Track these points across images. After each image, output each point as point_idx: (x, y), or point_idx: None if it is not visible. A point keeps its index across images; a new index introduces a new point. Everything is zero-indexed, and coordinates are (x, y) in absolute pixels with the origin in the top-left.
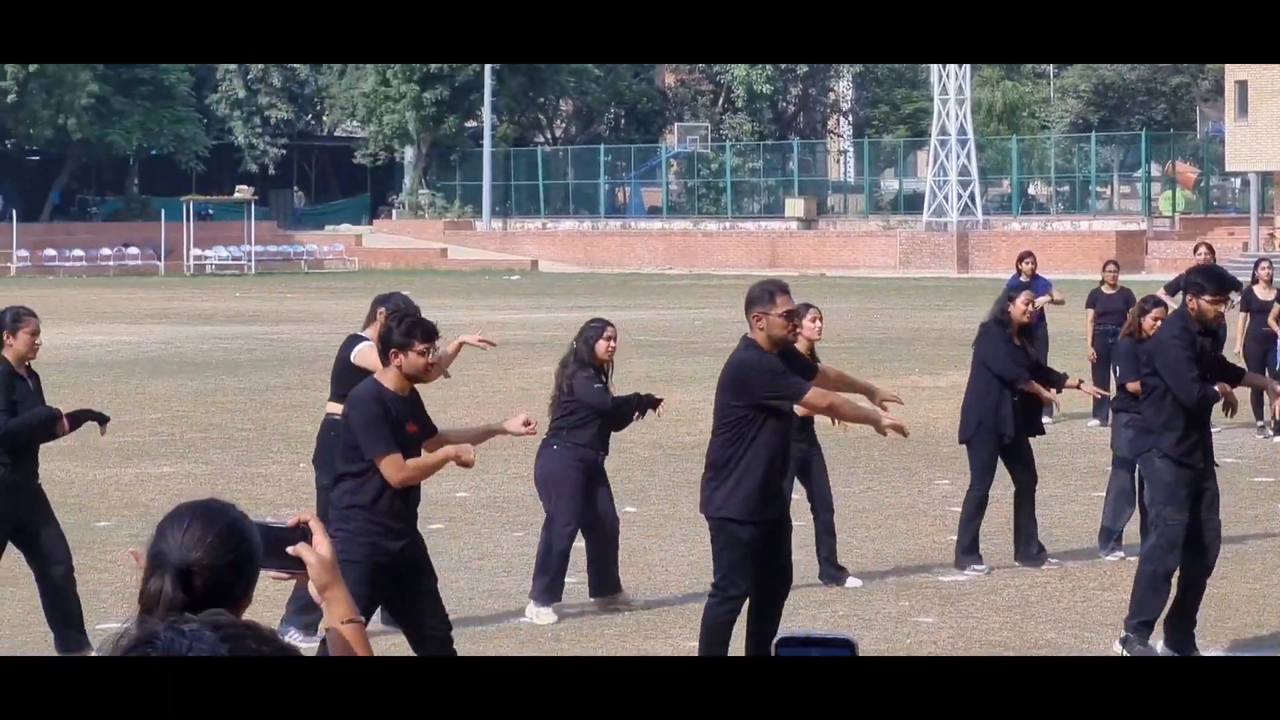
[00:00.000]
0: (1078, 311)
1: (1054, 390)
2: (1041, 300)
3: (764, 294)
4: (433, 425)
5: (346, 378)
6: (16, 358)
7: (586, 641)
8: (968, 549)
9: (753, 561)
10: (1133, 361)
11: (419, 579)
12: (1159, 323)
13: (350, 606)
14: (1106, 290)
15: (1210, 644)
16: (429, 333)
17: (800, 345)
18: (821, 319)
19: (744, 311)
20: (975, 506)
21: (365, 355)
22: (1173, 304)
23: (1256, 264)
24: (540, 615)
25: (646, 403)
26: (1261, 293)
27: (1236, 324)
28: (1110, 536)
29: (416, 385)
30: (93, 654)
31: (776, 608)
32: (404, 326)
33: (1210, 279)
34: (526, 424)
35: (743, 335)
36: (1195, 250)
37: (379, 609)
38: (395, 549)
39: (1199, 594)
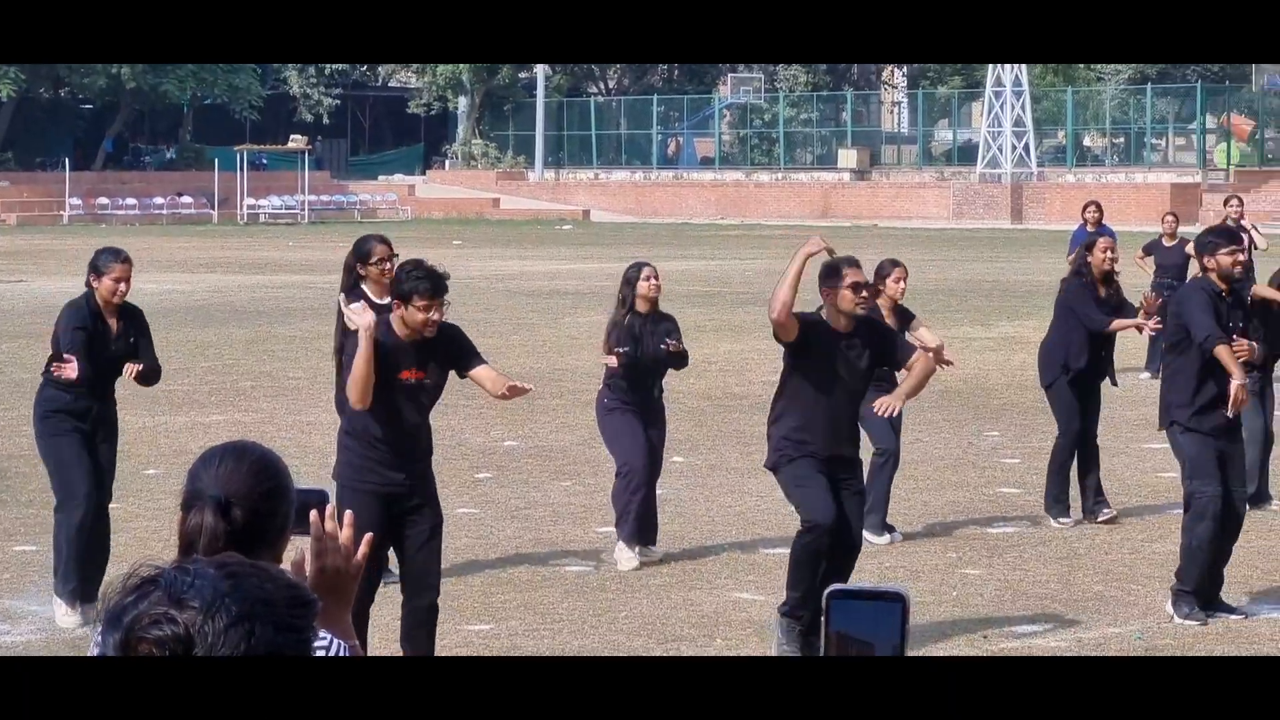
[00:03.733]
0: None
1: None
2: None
3: (833, 268)
4: (465, 365)
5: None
6: (102, 300)
7: (631, 592)
8: (1057, 497)
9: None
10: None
11: (418, 514)
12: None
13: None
14: (1166, 242)
15: (1259, 599)
16: (432, 290)
17: (883, 302)
18: (907, 278)
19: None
20: (1066, 454)
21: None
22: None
23: None
24: (623, 554)
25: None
26: None
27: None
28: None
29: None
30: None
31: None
32: (410, 279)
33: (1220, 235)
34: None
35: (818, 307)
36: (1226, 203)
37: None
38: (395, 480)
39: (1224, 558)
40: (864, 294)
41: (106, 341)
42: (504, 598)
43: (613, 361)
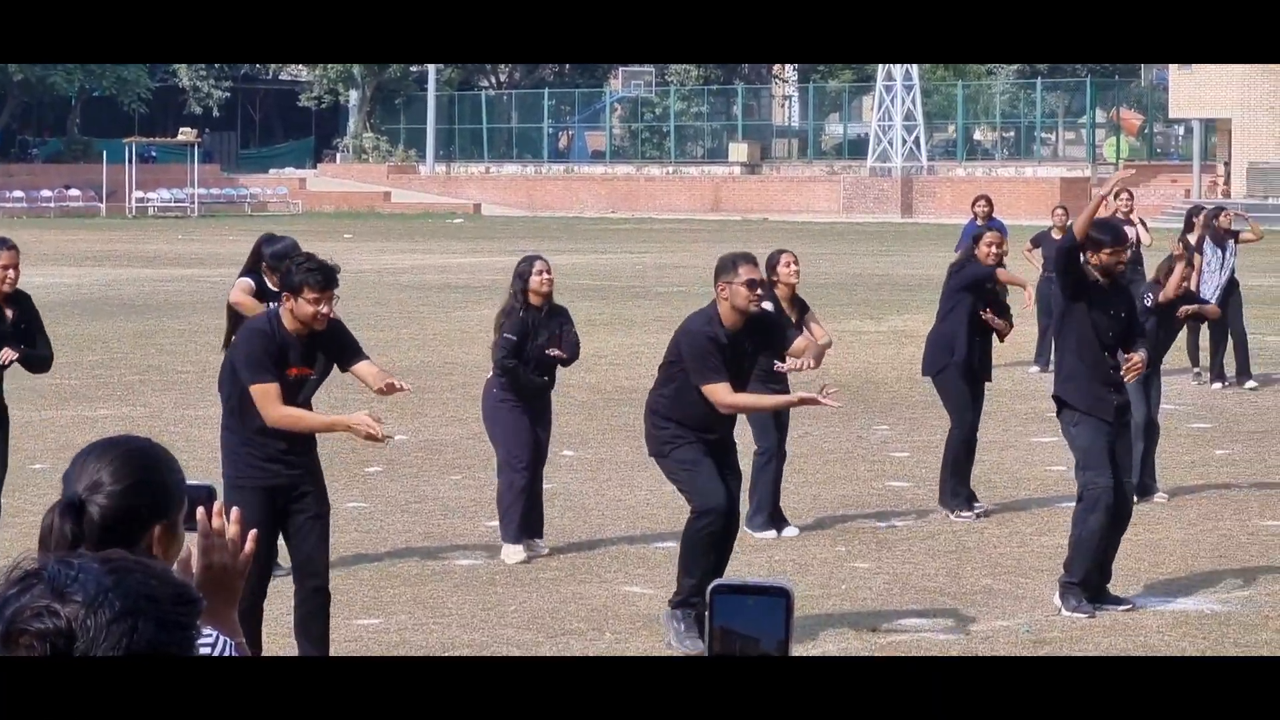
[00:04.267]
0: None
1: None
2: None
3: (729, 264)
4: (349, 359)
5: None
6: None
7: (520, 586)
8: (955, 491)
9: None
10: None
11: (305, 504)
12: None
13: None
14: (1055, 235)
15: (1146, 591)
16: (324, 282)
17: (780, 291)
18: (797, 263)
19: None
20: (961, 447)
21: (235, 292)
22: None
23: (1192, 211)
24: (509, 554)
25: (547, 375)
26: (1195, 240)
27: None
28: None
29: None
30: None
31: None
32: (300, 271)
33: (1106, 231)
34: (374, 423)
35: (711, 301)
36: (1116, 196)
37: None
38: (280, 474)
39: (1112, 550)
40: (759, 291)
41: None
42: (393, 592)
43: (554, 352)
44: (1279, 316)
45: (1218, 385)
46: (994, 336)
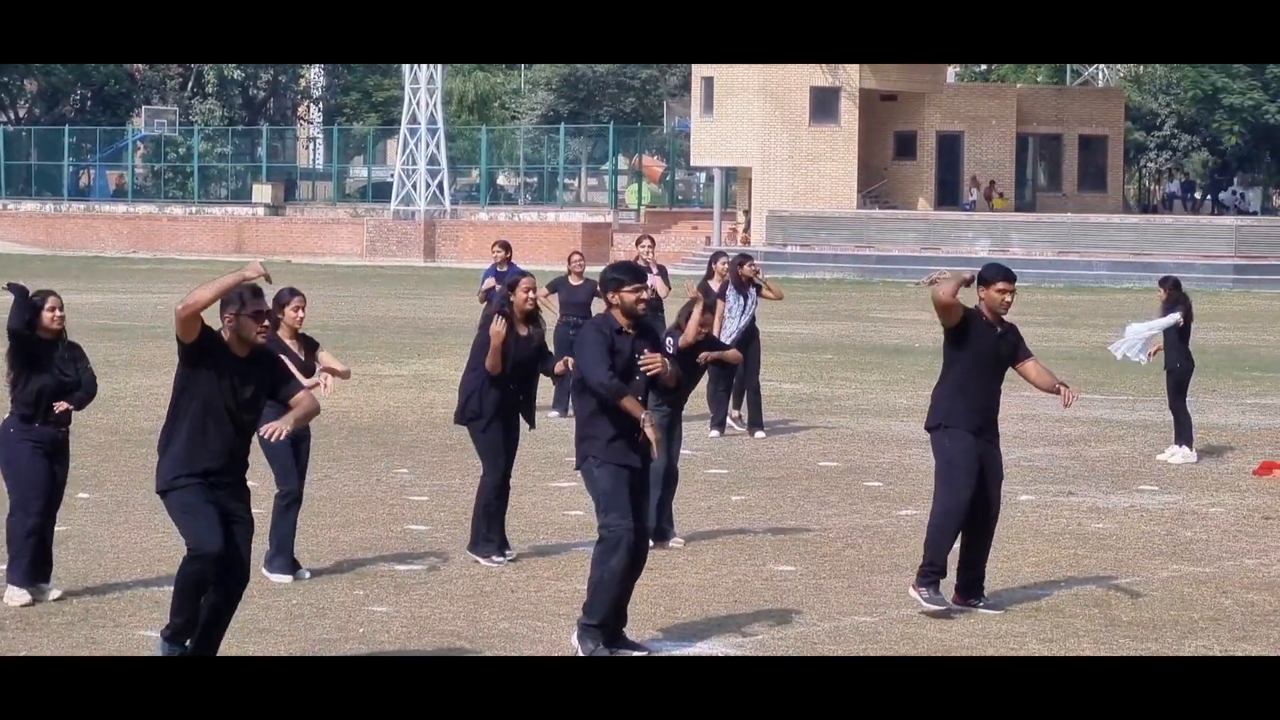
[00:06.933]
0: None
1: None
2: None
3: (237, 297)
4: None
5: None
6: None
7: (31, 631)
8: (487, 538)
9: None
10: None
11: None
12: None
13: None
14: (573, 281)
15: (661, 636)
16: None
17: (283, 332)
18: (305, 307)
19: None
20: (493, 493)
21: None
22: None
23: (713, 258)
24: (13, 596)
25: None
26: (717, 286)
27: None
28: None
29: None
30: None
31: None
32: None
33: (625, 271)
34: None
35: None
36: (638, 243)
37: None
38: None
39: (628, 594)
40: (265, 323)
41: None
42: None
43: (61, 406)
44: (795, 364)
45: (715, 433)
46: (534, 384)
